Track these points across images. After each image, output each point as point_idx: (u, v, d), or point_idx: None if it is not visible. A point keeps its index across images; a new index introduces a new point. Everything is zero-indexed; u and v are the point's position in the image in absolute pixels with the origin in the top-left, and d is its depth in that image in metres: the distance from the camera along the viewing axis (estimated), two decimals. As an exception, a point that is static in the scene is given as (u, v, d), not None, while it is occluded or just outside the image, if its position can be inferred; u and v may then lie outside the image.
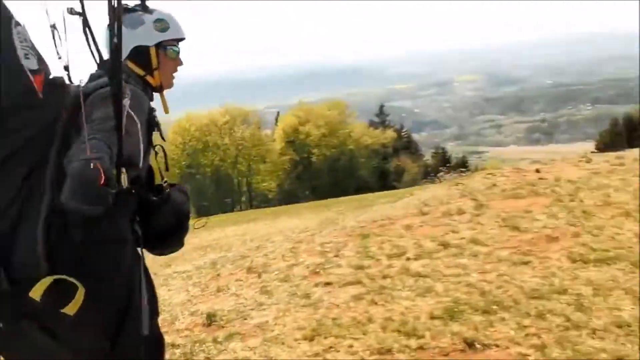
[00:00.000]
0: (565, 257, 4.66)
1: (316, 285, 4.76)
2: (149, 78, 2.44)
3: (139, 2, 2.42)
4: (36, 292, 1.88)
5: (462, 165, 23.70)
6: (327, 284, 4.75)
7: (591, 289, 4.01)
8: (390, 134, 52.65)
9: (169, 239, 2.49)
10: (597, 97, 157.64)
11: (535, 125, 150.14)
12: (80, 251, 2.05)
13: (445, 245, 5.30)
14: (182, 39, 2.56)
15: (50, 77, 2.09)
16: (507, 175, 7.81)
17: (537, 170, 7.89)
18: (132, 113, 2.13)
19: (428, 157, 56.17)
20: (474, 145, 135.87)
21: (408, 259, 5.09)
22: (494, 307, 3.90)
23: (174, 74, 2.56)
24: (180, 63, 2.56)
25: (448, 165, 24.34)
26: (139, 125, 2.17)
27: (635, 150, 9.19)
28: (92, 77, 2.31)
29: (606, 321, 3.52)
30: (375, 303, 4.23)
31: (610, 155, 8.78)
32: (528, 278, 4.36)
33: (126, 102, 2.06)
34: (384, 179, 48.00)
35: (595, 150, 41.01)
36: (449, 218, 6.18)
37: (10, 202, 2.00)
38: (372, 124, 54.72)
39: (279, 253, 5.83)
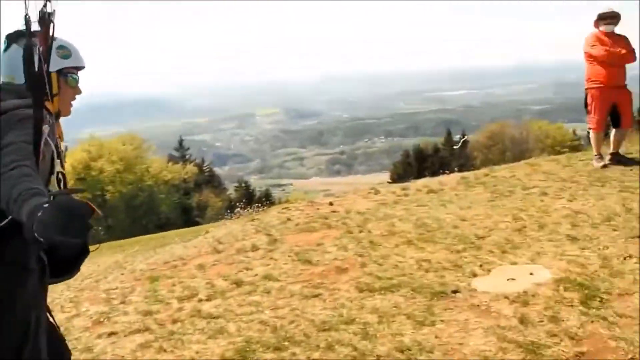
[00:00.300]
0: (354, 288, 4.91)
1: (99, 336, 4.50)
2: (47, 104, 2.43)
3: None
4: None
5: (260, 200, 24.12)
6: (112, 333, 4.51)
7: (376, 316, 4.27)
8: (191, 168, 51.98)
9: (72, 264, 2.56)
10: (389, 130, 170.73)
11: (335, 157, 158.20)
12: None
13: (238, 283, 5.31)
14: (82, 68, 2.66)
15: None
16: (302, 209, 8.09)
17: (331, 203, 8.27)
18: (49, 140, 2.28)
19: (232, 191, 56.31)
20: (278, 178, 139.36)
21: (200, 300, 5.03)
22: (286, 343, 3.98)
23: (72, 102, 2.68)
24: (79, 91, 2.67)
25: (245, 200, 24.57)
26: (52, 152, 2.35)
27: (418, 182, 10.01)
28: None
29: (390, 347, 3.77)
30: (164, 350, 4.11)
31: (397, 187, 9.49)
32: (318, 311, 4.53)
33: (46, 128, 2.23)
34: (187, 215, 47.15)
35: (390, 181, 44.19)
36: (243, 255, 6.22)
37: None
38: (171, 158, 53.67)
39: (57, 304, 5.42)
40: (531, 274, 4.70)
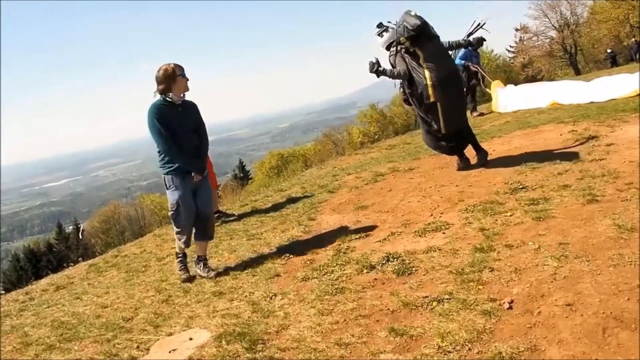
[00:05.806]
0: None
1: None
2: None
3: None
4: None
5: None
6: None
7: None
8: None
9: None
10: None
11: None
12: None
13: None
14: None
15: None
16: None
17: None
18: None
19: None
20: None
21: None
22: None
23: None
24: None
25: None
26: None
27: (42, 282, 9.25)
28: None
29: None
30: None
31: (18, 293, 8.57)
32: None
33: None
34: None
35: (4, 291, 40.07)
36: None
37: None
38: None
39: None
40: (191, 339, 4.71)
